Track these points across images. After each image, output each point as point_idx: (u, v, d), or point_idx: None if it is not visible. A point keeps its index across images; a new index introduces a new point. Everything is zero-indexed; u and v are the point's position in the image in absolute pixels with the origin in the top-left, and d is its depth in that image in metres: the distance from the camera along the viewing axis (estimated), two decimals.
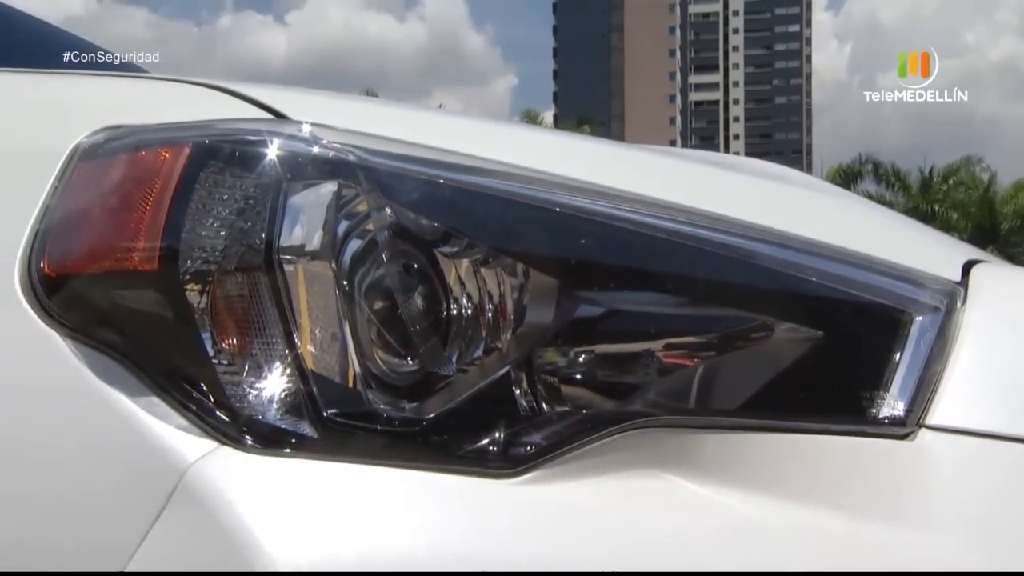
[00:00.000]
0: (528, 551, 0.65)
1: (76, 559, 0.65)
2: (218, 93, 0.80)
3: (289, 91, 0.83)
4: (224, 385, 0.68)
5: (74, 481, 0.66)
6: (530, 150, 0.85)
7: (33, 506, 0.67)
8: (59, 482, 0.67)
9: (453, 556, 0.63)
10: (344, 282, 0.71)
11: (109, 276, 0.70)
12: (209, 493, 0.63)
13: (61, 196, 0.72)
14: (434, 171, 0.75)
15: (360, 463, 0.68)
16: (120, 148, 0.73)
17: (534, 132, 0.98)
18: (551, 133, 1.01)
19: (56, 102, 0.85)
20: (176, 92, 0.84)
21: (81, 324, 0.69)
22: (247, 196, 0.70)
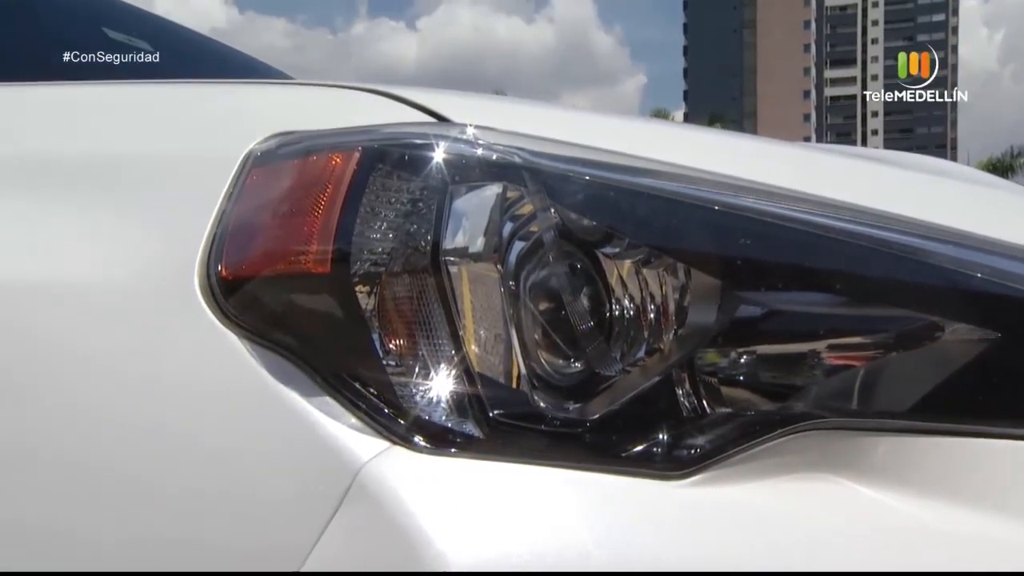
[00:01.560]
0: (701, 553, 0.64)
1: (253, 559, 0.67)
2: (379, 97, 0.82)
3: (448, 94, 0.84)
4: (394, 385, 0.69)
5: (250, 480, 0.68)
6: (688, 148, 0.84)
7: (209, 505, 0.69)
8: (235, 481, 0.69)
9: (624, 556, 0.63)
10: (510, 283, 0.72)
11: (283, 279, 0.71)
12: (382, 492, 0.64)
13: (236, 201, 0.74)
14: (597, 172, 0.74)
15: (526, 463, 0.68)
16: (292, 153, 0.75)
17: (691, 130, 0.97)
18: (707, 131, 1.00)
19: (228, 110, 0.88)
20: (338, 97, 0.86)
21: (256, 325, 0.71)
22: (414, 199, 0.71)
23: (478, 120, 0.76)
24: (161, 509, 0.69)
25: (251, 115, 0.85)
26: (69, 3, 2.09)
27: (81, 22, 2.05)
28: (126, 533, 0.70)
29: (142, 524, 0.70)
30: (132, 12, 2.44)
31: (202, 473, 0.69)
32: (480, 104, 0.86)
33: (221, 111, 0.89)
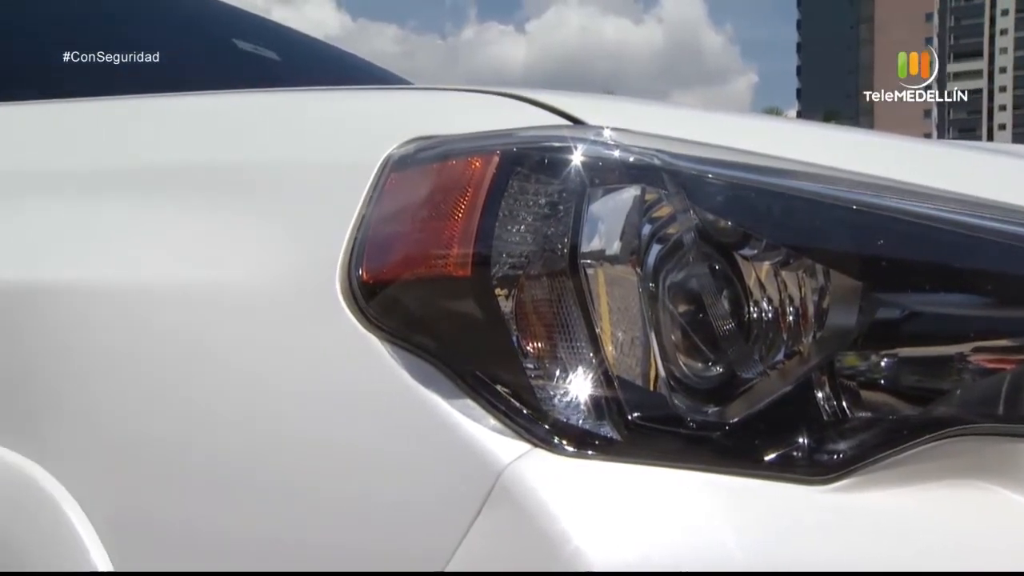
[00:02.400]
0: (848, 559, 0.63)
1: (396, 560, 0.68)
2: (512, 100, 0.83)
3: (581, 96, 0.84)
4: (534, 388, 0.69)
5: (393, 482, 0.69)
6: (821, 146, 0.83)
7: (352, 508, 0.70)
8: (378, 483, 0.70)
9: (769, 561, 0.62)
10: (649, 285, 0.71)
11: (424, 282, 0.72)
12: (525, 494, 0.65)
13: (375, 206, 0.76)
14: (736, 173, 0.74)
15: (665, 466, 0.68)
16: (431, 158, 0.76)
17: (826, 129, 0.95)
18: (837, 128, 0.98)
19: (364, 116, 0.90)
20: (472, 101, 0.86)
21: (397, 328, 0.72)
22: (552, 202, 0.72)
23: (612, 122, 0.76)
24: (304, 512, 0.71)
25: (387, 120, 0.86)
26: (201, 16, 2.17)
27: (213, 34, 2.12)
28: (269, 535, 0.72)
29: (284, 526, 0.71)
30: (259, 23, 2.51)
31: (344, 476, 0.71)
32: (612, 106, 0.86)
33: (357, 117, 0.90)
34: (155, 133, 0.96)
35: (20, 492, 0.76)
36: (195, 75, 1.83)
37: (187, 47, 1.97)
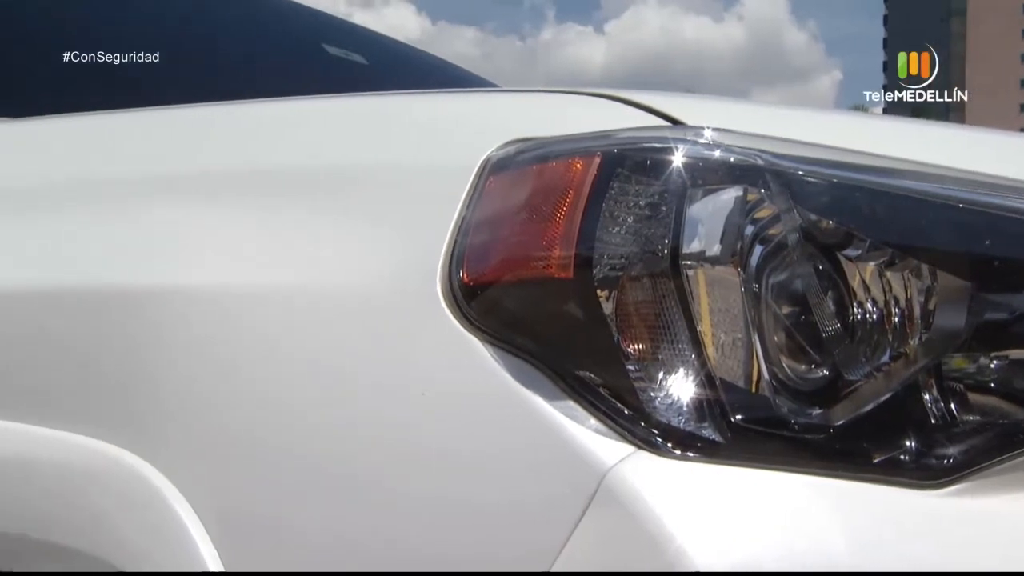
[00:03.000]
0: (964, 566, 0.61)
1: (499, 562, 0.68)
2: (609, 102, 0.83)
3: (678, 96, 0.84)
4: (636, 389, 0.69)
5: (495, 483, 0.70)
6: (924, 144, 0.82)
7: (455, 509, 0.70)
8: (480, 484, 0.70)
9: (879, 565, 0.61)
10: (754, 286, 0.71)
11: (525, 283, 0.73)
12: (629, 497, 0.65)
13: (475, 208, 0.76)
14: (840, 172, 0.73)
15: (768, 468, 0.67)
16: (531, 160, 0.76)
17: (925, 126, 0.93)
18: (941, 126, 0.96)
19: (460, 119, 0.90)
20: (568, 103, 0.87)
21: (499, 330, 0.72)
22: (653, 203, 0.71)
23: (710, 122, 0.76)
24: (406, 513, 0.72)
25: (485, 123, 0.86)
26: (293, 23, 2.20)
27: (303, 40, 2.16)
28: (373, 535, 0.72)
29: (387, 526, 0.72)
30: (346, 27, 2.55)
31: (446, 477, 0.71)
32: (710, 106, 0.85)
33: (454, 120, 0.91)
34: (257, 138, 0.98)
35: (133, 490, 0.78)
36: (286, 80, 1.86)
37: (279, 53, 2.01)
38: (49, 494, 0.83)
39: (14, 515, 0.84)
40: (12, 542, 0.84)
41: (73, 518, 0.81)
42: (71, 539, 0.80)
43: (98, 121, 1.13)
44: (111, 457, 0.80)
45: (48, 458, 0.83)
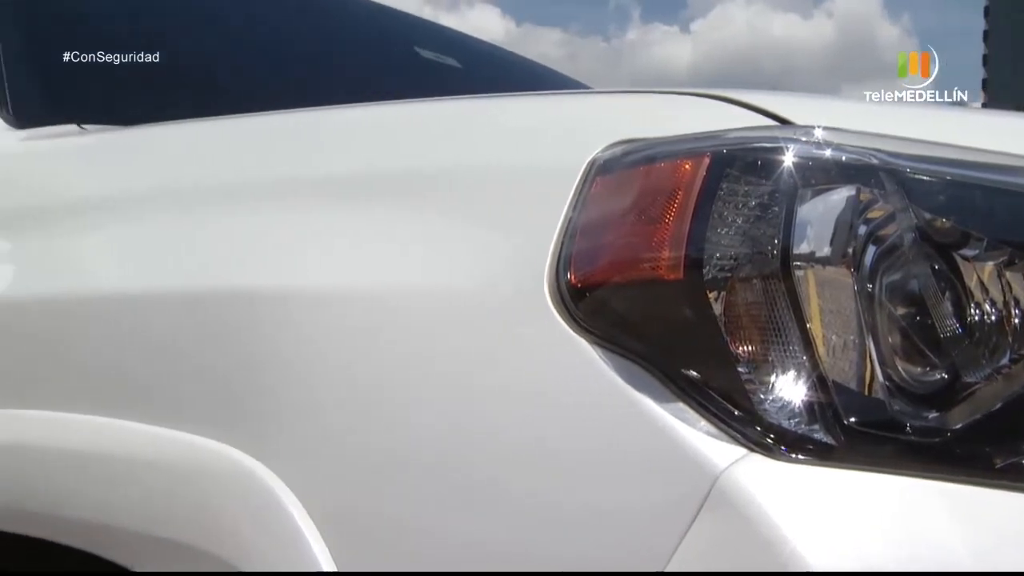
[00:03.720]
0: None
1: (611, 565, 0.68)
2: (716, 102, 0.82)
3: (784, 95, 0.83)
4: (747, 391, 0.68)
5: (606, 485, 0.69)
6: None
7: (566, 512, 0.70)
8: (590, 486, 0.70)
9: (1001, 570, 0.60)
10: (868, 287, 0.70)
11: (634, 285, 0.73)
12: (743, 499, 0.64)
13: (582, 210, 0.76)
14: (955, 170, 0.71)
15: (884, 472, 0.66)
16: (638, 160, 0.76)
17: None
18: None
19: (563, 120, 0.90)
20: (674, 103, 0.86)
21: (607, 332, 0.72)
22: (763, 203, 0.71)
23: (819, 121, 0.75)
24: (514, 514, 0.72)
25: (590, 124, 0.87)
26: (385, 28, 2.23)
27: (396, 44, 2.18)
28: (483, 537, 0.73)
29: (497, 528, 0.72)
30: (437, 30, 2.58)
31: (555, 479, 0.71)
32: (818, 104, 0.84)
33: (557, 121, 0.91)
34: (367, 142, 0.99)
35: (249, 490, 0.80)
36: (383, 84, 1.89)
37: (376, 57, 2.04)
38: (170, 493, 0.85)
39: (136, 512, 0.87)
40: (134, 538, 0.86)
41: (192, 516, 0.83)
42: (190, 537, 0.82)
43: (210, 127, 1.17)
44: (228, 457, 0.82)
45: (168, 457, 0.86)
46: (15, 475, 0.99)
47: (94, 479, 0.91)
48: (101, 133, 1.32)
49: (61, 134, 1.34)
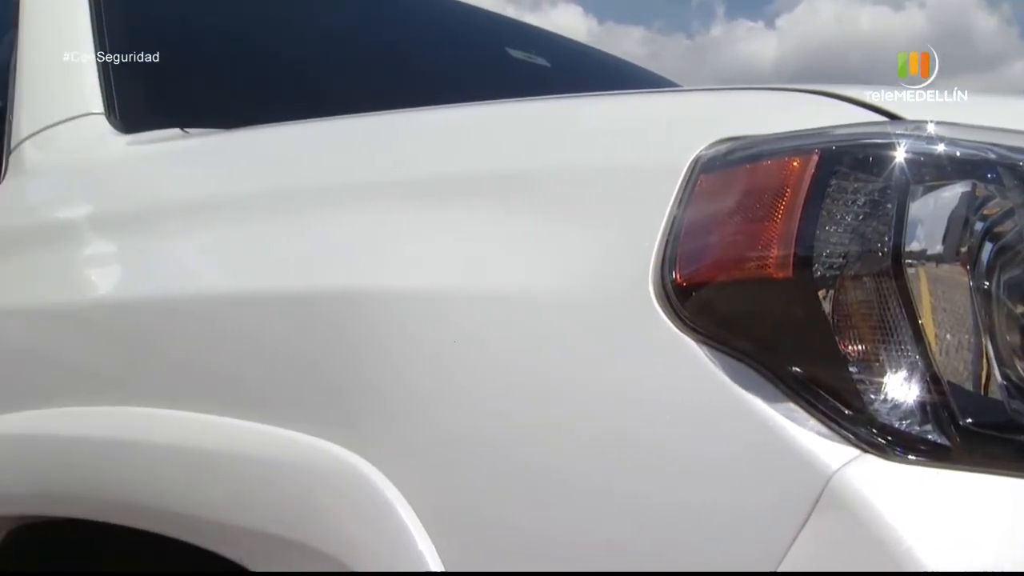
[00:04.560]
0: None
1: (721, 567, 0.68)
2: (820, 97, 0.81)
3: (894, 91, 0.82)
4: (859, 391, 0.67)
5: (715, 486, 0.69)
6: None
7: (673, 513, 0.70)
8: (698, 487, 0.69)
9: None
10: (984, 284, 0.68)
11: (741, 283, 0.72)
12: (856, 500, 0.63)
13: (686, 207, 0.75)
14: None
15: (1001, 474, 0.65)
16: (744, 158, 0.75)
17: None
18: None
19: (663, 119, 0.90)
20: (778, 100, 0.85)
21: (714, 331, 0.72)
22: (873, 200, 0.70)
23: (930, 115, 0.73)
24: (622, 515, 0.71)
25: (692, 122, 0.86)
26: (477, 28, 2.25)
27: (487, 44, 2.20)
28: (587, 537, 0.72)
29: (602, 529, 0.72)
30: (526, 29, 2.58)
31: (663, 480, 0.71)
32: (928, 99, 0.82)
33: (658, 120, 0.91)
34: (467, 142, 1.00)
35: (355, 488, 0.81)
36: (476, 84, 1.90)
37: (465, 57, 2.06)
38: (276, 490, 0.87)
39: (243, 508, 0.88)
40: (242, 534, 0.88)
41: (299, 513, 0.84)
42: (298, 534, 0.84)
43: (310, 129, 1.19)
44: (333, 455, 0.83)
45: (274, 455, 0.87)
46: (124, 469, 1.02)
47: (200, 475, 0.93)
48: (203, 137, 1.35)
49: (165, 138, 1.37)
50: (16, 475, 1.14)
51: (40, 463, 1.12)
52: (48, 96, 1.51)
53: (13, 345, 1.26)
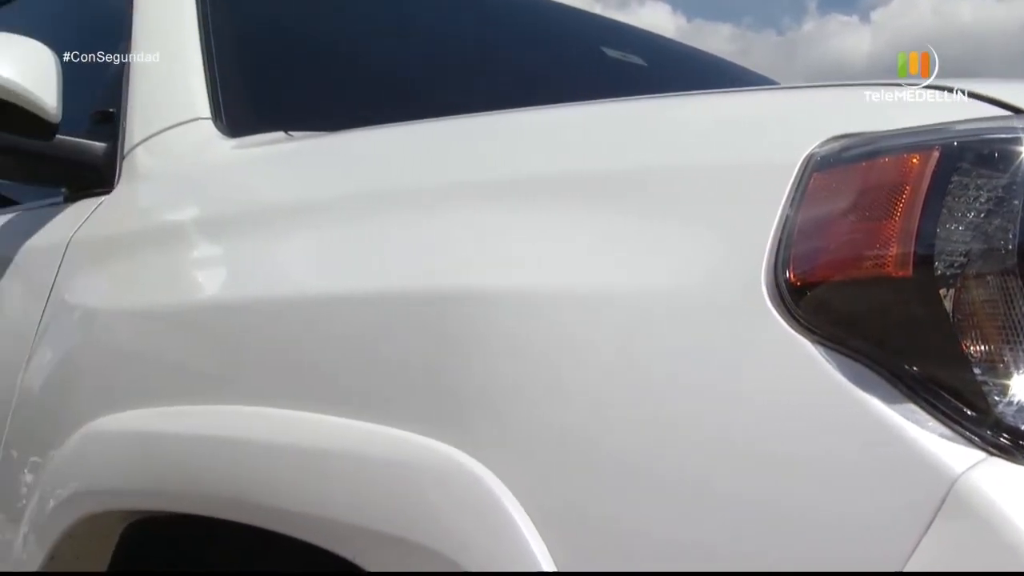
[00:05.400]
0: None
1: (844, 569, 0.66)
2: (938, 92, 0.79)
3: (1017, 83, 0.79)
4: (984, 392, 0.66)
5: (834, 489, 0.67)
6: None
7: (789, 516, 0.69)
8: (817, 489, 0.68)
9: None
10: None
11: (858, 283, 0.71)
12: (984, 505, 0.61)
13: (800, 206, 0.74)
14: None
15: None
16: (861, 155, 0.74)
17: None
18: None
19: (773, 116, 0.89)
20: (889, 95, 0.83)
21: (831, 331, 0.70)
22: (997, 197, 0.68)
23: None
24: (738, 517, 0.70)
25: (802, 119, 0.85)
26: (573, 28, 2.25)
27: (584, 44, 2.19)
28: (702, 538, 0.71)
29: (719, 531, 0.71)
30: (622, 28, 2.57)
31: (779, 482, 0.69)
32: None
33: (766, 117, 0.89)
34: (567, 142, 1.00)
35: (466, 487, 0.81)
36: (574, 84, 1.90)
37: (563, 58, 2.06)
38: (391, 490, 0.87)
39: (354, 506, 0.89)
40: (354, 532, 0.89)
41: (413, 513, 0.85)
42: (411, 533, 0.84)
43: (413, 130, 1.20)
44: (446, 455, 0.83)
45: (389, 455, 0.88)
46: (237, 466, 1.03)
47: (314, 473, 0.94)
48: (307, 139, 1.37)
49: (269, 141, 1.40)
50: (131, 471, 1.17)
51: (154, 460, 1.15)
52: (158, 102, 1.55)
53: (126, 345, 1.30)
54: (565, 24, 2.27)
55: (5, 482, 1.34)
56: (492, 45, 1.95)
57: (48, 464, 1.25)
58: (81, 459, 1.21)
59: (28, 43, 1.49)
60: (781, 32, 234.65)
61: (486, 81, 1.79)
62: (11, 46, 1.47)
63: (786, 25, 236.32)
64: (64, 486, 1.21)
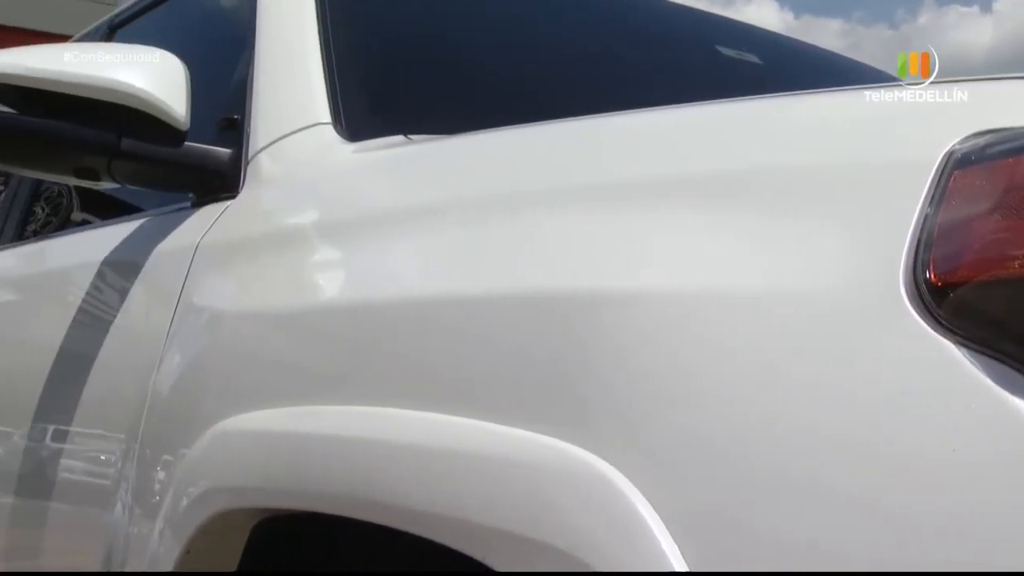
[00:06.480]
0: None
1: None
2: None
3: None
4: None
5: (983, 496, 0.65)
6: None
7: (935, 521, 0.67)
8: (965, 496, 0.66)
9: None
10: None
11: (1004, 283, 0.69)
12: None
13: (939, 205, 0.72)
14: None
15: None
16: (1007, 152, 0.72)
17: None
18: None
19: (906, 113, 0.87)
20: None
21: (975, 333, 0.68)
22: None
23: None
24: (878, 521, 0.68)
25: (939, 115, 0.82)
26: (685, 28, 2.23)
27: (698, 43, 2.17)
28: (841, 543, 0.69)
29: (858, 535, 0.69)
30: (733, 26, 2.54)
31: (922, 488, 0.68)
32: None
33: (894, 115, 0.88)
34: (698, 141, 0.99)
35: (596, 489, 0.80)
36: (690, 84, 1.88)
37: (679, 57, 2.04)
38: (521, 490, 0.87)
39: (480, 506, 0.90)
40: (482, 531, 0.89)
41: (542, 514, 0.84)
42: (541, 534, 0.84)
43: (531, 133, 1.20)
44: (574, 456, 0.83)
45: (518, 456, 0.88)
46: (365, 466, 1.05)
47: (443, 474, 0.95)
48: (427, 143, 1.39)
49: (389, 145, 1.42)
50: (258, 470, 1.19)
51: (280, 459, 1.17)
52: (280, 108, 1.59)
53: (252, 346, 1.33)
54: (680, 23, 2.25)
55: (141, 480, 1.38)
56: (610, 45, 1.94)
57: (180, 463, 1.29)
58: (211, 458, 1.24)
59: (159, 54, 1.54)
60: (894, 26, 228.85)
61: (606, 81, 1.78)
62: (143, 57, 1.52)
63: (900, 18, 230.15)
64: (195, 484, 1.25)
